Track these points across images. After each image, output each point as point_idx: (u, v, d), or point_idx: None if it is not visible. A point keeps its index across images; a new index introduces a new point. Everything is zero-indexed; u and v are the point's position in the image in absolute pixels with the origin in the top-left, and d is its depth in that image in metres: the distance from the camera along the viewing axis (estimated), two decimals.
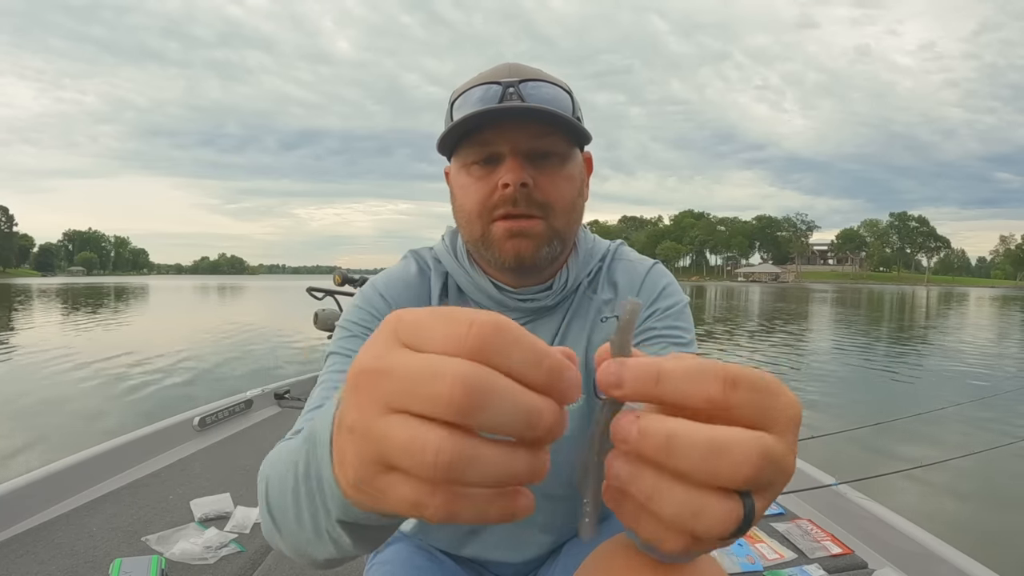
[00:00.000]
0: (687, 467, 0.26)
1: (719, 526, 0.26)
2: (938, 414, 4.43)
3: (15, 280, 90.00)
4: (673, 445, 0.26)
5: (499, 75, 0.78)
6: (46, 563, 1.50)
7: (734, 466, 0.25)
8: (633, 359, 0.28)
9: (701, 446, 0.25)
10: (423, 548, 0.93)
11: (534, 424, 0.25)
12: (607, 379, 0.28)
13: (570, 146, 0.80)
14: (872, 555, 1.67)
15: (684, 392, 0.27)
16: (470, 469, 0.25)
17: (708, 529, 0.26)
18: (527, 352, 0.26)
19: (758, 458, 0.26)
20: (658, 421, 0.26)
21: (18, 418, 5.45)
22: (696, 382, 0.26)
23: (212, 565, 1.53)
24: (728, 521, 0.26)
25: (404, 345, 0.26)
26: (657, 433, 0.26)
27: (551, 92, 0.78)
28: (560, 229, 0.78)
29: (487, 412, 0.24)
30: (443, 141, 0.79)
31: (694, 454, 0.25)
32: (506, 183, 0.74)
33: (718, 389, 0.26)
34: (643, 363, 0.27)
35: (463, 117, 0.74)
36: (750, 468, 0.25)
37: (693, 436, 0.26)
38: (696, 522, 0.26)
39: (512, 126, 0.75)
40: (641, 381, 0.27)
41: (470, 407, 0.24)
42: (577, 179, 0.82)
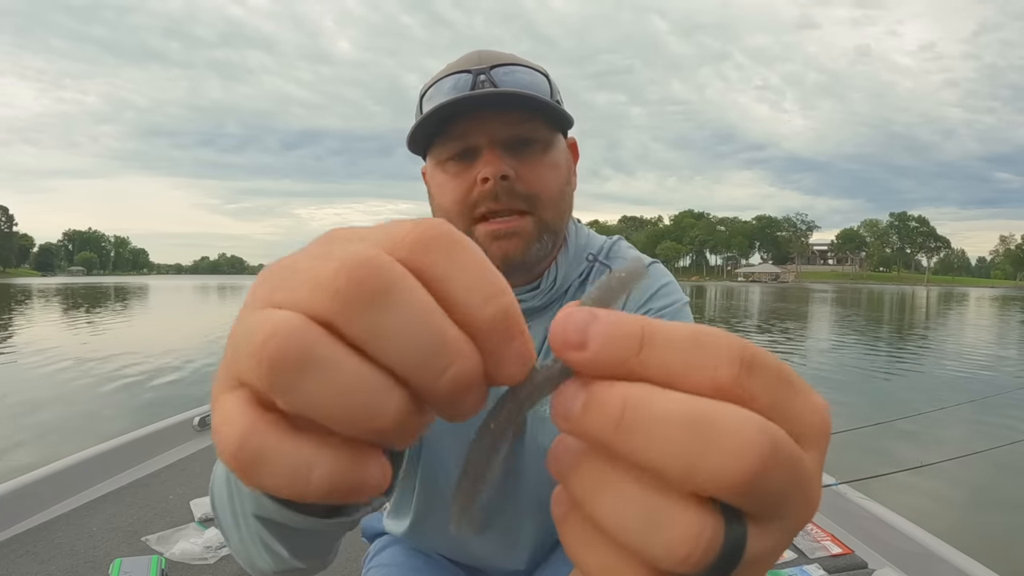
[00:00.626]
0: (650, 454, 0.17)
1: (683, 546, 0.17)
2: (938, 414, 4.43)
3: (15, 280, 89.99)
4: (632, 420, 0.17)
5: (469, 63, 0.73)
6: (46, 563, 1.50)
7: (724, 457, 0.17)
8: (610, 311, 0.19)
9: (676, 423, 0.17)
10: (419, 550, 0.92)
11: (437, 362, 0.17)
12: (567, 333, 0.18)
13: (552, 132, 0.74)
14: (872, 555, 1.67)
15: (678, 366, 0.18)
16: (311, 372, 0.17)
17: (667, 550, 0.17)
18: (476, 277, 0.18)
19: (763, 450, 0.17)
20: (614, 388, 0.18)
21: (18, 418, 5.45)
22: (698, 354, 0.18)
23: (212, 565, 1.53)
24: (697, 540, 0.17)
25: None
26: (610, 403, 0.18)
27: (526, 76, 0.73)
28: (550, 222, 0.73)
29: (378, 318, 0.17)
30: (413, 137, 0.74)
31: (665, 435, 0.17)
32: (485, 177, 0.69)
33: (729, 369, 0.18)
34: (623, 318, 0.19)
35: (431, 110, 0.69)
36: (748, 464, 0.17)
37: (665, 408, 0.17)
38: (651, 537, 0.17)
39: (487, 115, 0.70)
40: (617, 342, 0.18)
41: (353, 301, 0.17)
42: (563, 166, 0.76)
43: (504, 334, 0.18)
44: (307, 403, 0.17)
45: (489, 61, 0.72)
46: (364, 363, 0.17)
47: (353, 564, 1.59)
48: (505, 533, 0.85)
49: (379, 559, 0.92)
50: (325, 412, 0.17)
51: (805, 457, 0.19)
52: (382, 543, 0.95)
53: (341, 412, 0.17)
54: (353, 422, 0.17)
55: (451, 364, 0.17)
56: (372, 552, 0.96)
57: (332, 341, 0.17)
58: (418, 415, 0.18)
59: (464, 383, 0.18)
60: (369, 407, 0.17)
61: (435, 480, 0.81)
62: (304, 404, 0.17)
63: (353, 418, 0.17)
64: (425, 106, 0.73)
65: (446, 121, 0.71)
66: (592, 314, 0.19)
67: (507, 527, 0.84)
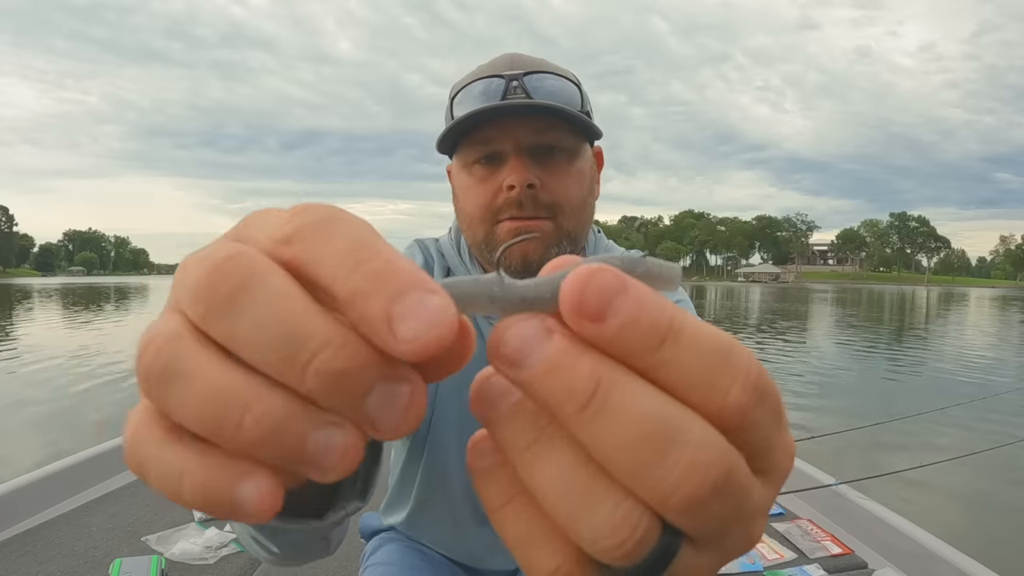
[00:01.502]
0: (606, 446, 0.16)
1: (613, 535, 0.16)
2: (938, 414, 4.43)
3: (15, 280, 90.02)
4: (600, 406, 0.16)
5: (501, 67, 0.73)
6: (46, 563, 1.50)
7: (675, 472, 0.15)
8: (643, 284, 0.17)
9: (642, 423, 0.15)
10: (416, 548, 0.92)
11: (296, 355, 0.15)
12: (585, 297, 0.16)
13: (578, 140, 0.75)
14: (872, 555, 1.67)
15: (693, 377, 0.16)
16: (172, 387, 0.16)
17: (596, 534, 0.16)
18: (344, 251, 0.16)
19: (717, 476, 0.16)
20: (590, 361, 0.16)
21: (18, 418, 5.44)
22: (719, 371, 0.16)
23: (212, 565, 1.53)
24: (630, 533, 0.16)
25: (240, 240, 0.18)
26: (582, 377, 0.16)
27: (557, 84, 0.72)
28: (570, 230, 0.73)
29: (236, 318, 0.16)
30: (443, 141, 0.75)
31: (626, 433, 0.16)
32: (511, 185, 0.69)
33: (741, 396, 0.16)
34: (658, 300, 0.16)
35: (462, 116, 0.70)
36: (696, 486, 0.16)
37: (639, 405, 0.16)
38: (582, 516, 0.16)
39: (515, 121, 0.70)
40: (642, 328, 0.16)
41: (212, 301, 0.16)
42: (587, 176, 0.76)
43: (380, 299, 0.15)
44: (177, 413, 0.16)
45: (522, 67, 0.72)
46: (229, 368, 0.16)
47: (351, 563, 1.59)
48: None
49: (376, 557, 0.92)
50: (193, 422, 0.16)
51: (756, 492, 0.18)
52: (379, 541, 0.96)
53: (204, 421, 0.16)
54: (218, 431, 0.16)
55: (314, 355, 0.15)
56: (369, 551, 0.96)
57: (199, 348, 0.16)
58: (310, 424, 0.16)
59: (334, 373, 0.15)
60: (228, 415, 0.16)
61: (438, 471, 0.82)
62: (175, 414, 0.16)
63: (217, 427, 0.16)
64: (456, 108, 0.74)
65: (474, 125, 0.71)
66: (622, 282, 0.16)
67: None
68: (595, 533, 0.16)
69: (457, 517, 0.85)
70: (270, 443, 0.16)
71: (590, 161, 0.78)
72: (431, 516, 0.88)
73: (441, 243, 0.87)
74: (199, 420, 0.16)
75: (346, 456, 0.16)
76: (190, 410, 0.16)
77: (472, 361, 0.18)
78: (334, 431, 0.16)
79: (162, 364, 0.16)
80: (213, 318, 0.16)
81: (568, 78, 0.75)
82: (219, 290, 0.16)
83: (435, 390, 0.79)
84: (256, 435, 0.16)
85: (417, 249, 0.87)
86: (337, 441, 0.16)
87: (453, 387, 0.78)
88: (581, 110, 0.74)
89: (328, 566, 1.58)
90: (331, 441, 0.16)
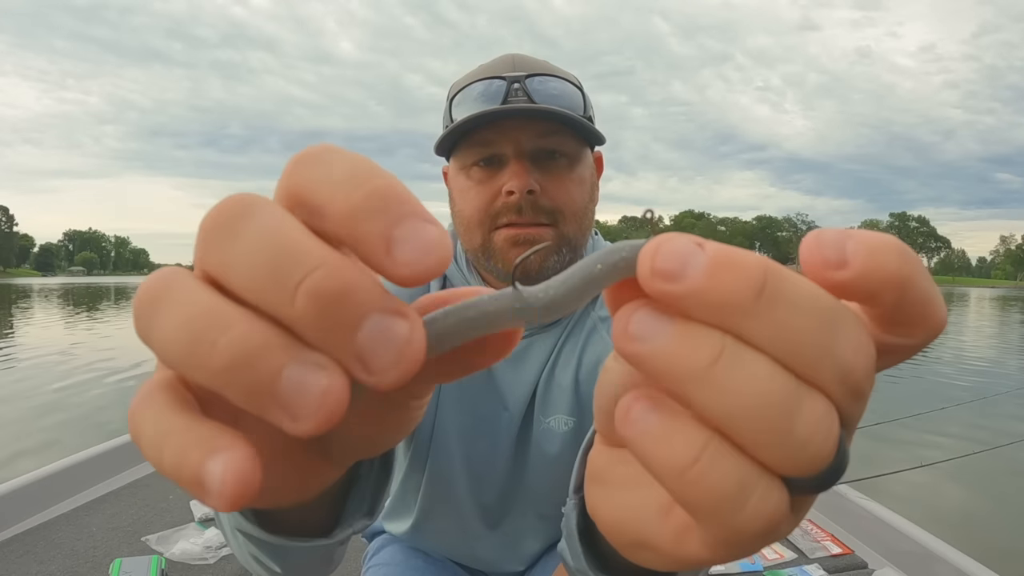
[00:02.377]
0: (790, 331, 0.15)
1: (816, 435, 0.15)
2: (938, 414, 4.43)
3: (15, 280, 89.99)
4: (775, 291, 0.15)
5: (502, 68, 0.71)
6: (46, 563, 1.50)
7: (849, 350, 0.16)
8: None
9: (814, 306, 0.16)
10: (419, 550, 0.92)
11: (286, 277, 0.15)
12: (822, 250, 0.16)
13: (580, 145, 0.73)
14: (872, 555, 1.67)
15: (918, 308, 0.17)
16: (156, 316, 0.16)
17: (804, 439, 0.15)
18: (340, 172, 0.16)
19: (872, 353, 0.17)
20: (749, 256, 0.16)
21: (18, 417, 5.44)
22: (930, 311, 0.17)
23: (212, 565, 1.52)
24: (830, 429, 0.16)
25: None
26: (750, 267, 0.15)
27: (560, 88, 0.71)
28: (571, 237, 0.72)
29: (228, 247, 0.16)
30: (442, 142, 0.74)
31: (804, 315, 0.15)
32: (510, 190, 0.68)
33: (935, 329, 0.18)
34: (881, 235, 0.17)
35: (465, 119, 0.68)
36: (867, 360, 0.16)
37: (807, 289, 0.16)
38: (785, 423, 0.15)
39: (516, 124, 0.69)
40: (879, 259, 0.16)
41: (210, 235, 0.16)
42: (588, 182, 0.75)
43: (379, 218, 0.15)
44: (157, 341, 0.16)
45: (524, 68, 0.71)
46: (213, 294, 0.16)
47: (352, 563, 1.59)
48: (507, 537, 0.85)
49: (378, 558, 0.92)
50: (168, 354, 0.16)
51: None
52: (381, 542, 0.95)
53: (179, 344, 0.15)
54: (192, 354, 0.15)
55: (304, 276, 0.15)
56: (371, 551, 0.96)
57: (187, 278, 0.16)
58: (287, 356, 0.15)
59: (326, 294, 0.15)
60: (204, 335, 0.15)
61: (442, 481, 0.81)
62: (154, 343, 0.16)
63: (190, 350, 0.15)
64: (455, 109, 0.72)
65: (473, 128, 0.70)
66: (693, 241, 0.16)
67: (510, 531, 0.84)
68: (806, 436, 0.15)
69: (466, 526, 0.84)
70: (241, 371, 0.15)
71: (591, 166, 0.77)
72: (436, 525, 0.87)
73: None
74: (173, 347, 0.15)
75: (325, 400, 0.15)
76: (168, 334, 0.15)
77: (468, 377, 0.18)
78: (314, 370, 0.15)
79: (151, 295, 0.16)
80: (210, 252, 0.16)
81: (571, 81, 0.73)
82: (217, 223, 0.16)
83: (436, 401, 0.78)
84: (228, 359, 0.15)
85: None
86: (314, 381, 0.15)
87: (455, 396, 0.78)
88: (583, 114, 0.73)
89: None
90: (307, 379, 0.15)
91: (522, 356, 0.78)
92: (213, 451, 0.15)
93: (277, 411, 0.15)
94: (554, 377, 0.77)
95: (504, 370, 0.78)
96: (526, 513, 0.83)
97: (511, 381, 0.77)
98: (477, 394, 0.78)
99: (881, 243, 0.16)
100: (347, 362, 0.15)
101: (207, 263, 0.16)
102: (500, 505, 0.83)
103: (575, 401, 0.76)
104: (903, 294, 0.16)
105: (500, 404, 0.78)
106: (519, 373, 0.77)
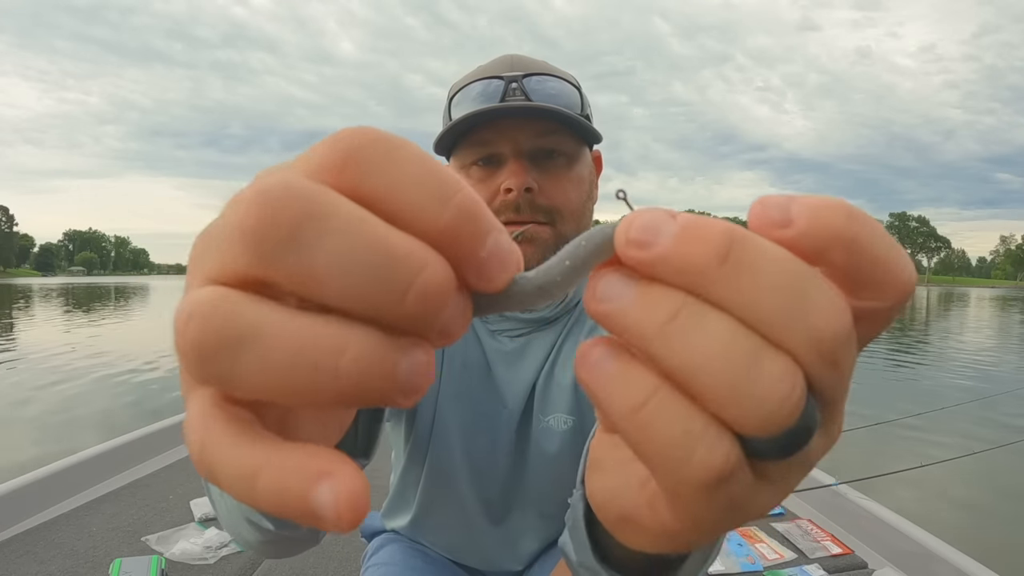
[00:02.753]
0: (754, 296, 0.16)
1: (776, 394, 0.15)
2: (938, 414, 4.43)
3: (15, 280, 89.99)
4: (740, 257, 0.16)
5: (501, 68, 0.72)
6: (46, 563, 1.49)
7: (820, 315, 0.16)
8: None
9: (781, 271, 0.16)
10: (418, 548, 0.92)
11: (395, 279, 0.14)
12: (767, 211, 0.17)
13: (578, 144, 0.74)
14: (872, 555, 1.67)
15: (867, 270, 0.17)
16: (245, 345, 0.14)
17: (762, 397, 0.15)
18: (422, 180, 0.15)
19: (848, 321, 0.17)
20: (713, 222, 0.16)
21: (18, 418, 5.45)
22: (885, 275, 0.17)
23: (212, 565, 1.52)
24: (792, 389, 0.16)
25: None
26: (715, 233, 0.16)
27: (557, 87, 0.72)
28: (568, 236, 0.72)
29: (308, 254, 0.14)
30: (441, 141, 0.74)
31: (771, 280, 0.16)
32: (508, 188, 0.69)
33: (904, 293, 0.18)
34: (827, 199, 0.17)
35: (462, 117, 0.69)
36: (839, 325, 0.16)
37: (774, 253, 0.16)
38: (743, 380, 0.15)
39: (514, 123, 0.70)
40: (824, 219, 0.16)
41: (272, 239, 0.14)
42: (586, 181, 0.76)
43: (472, 235, 0.15)
44: (252, 387, 0.14)
45: (522, 68, 0.72)
46: (300, 315, 0.14)
47: (352, 563, 1.59)
48: (508, 534, 0.85)
49: (377, 558, 0.92)
50: (276, 391, 0.14)
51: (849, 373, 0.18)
52: (380, 541, 0.95)
53: (291, 382, 0.14)
54: (313, 391, 0.14)
55: (414, 277, 0.14)
56: (370, 551, 0.96)
57: (259, 303, 0.14)
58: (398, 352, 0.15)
59: (436, 294, 0.15)
60: (323, 366, 0.14)
61: (442, 475, 0.82)
62: (250, 389, 0.14)
63: (310, 386, 0.14)
64: (454, 109, 0.73)
65: (472, 127, 0.70)
66: (668, 213, 0.17)
67: (511, 528, 0.85)
68: (762, 393, 0.15)
69: (468, 520, 0.85)
70: (367, 383, 0.15)
71: (589, 165, 0.78)
72: (437, 520, 0.87)
73: None
74: (284, 383, 0.14)
75: (430, 373, 0.16)
76: (271, 375, 0.14)
77: (472, 368, 0.18)
78: (417, 352, 0.15)
79: (217, 333, 0.14)
80: (276, 262, 0.14)
81: (568, 80, 0.74)
82: (278, 227, 0.14)
83: (436, 395, 0.79)
84: (356, 378, 0.14)
85: None
86: (421, 360, 0.16)
87: (455, 392, 0.78)
88: (581, 113, 0.73)
89: (328, 566, 1.58)
90: (417, 361, 0.15)
91: (520, 354, 0.78)
92: (318, 479, 0.14)
93: (397, 396, 0.15)
94: (553, 376, 0.77)
95: (503, 368, 0.78)
96: (528, 511, 0.83)
97: (510, 379, 0.78)
98: (476, 391, 0.78)
99: (825, 202, 0.17)
100: (432, 339, 0.16)
101: (277, 274, 0.14)
102: (503, 501, 0.83)
103: (575, 400, 0.76)
104: (853, 252, 0.16)
105: (499, 402, 0.78)
106: (517, 371, 0.78)
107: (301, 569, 1.56)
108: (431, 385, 0.63)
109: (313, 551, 1.63)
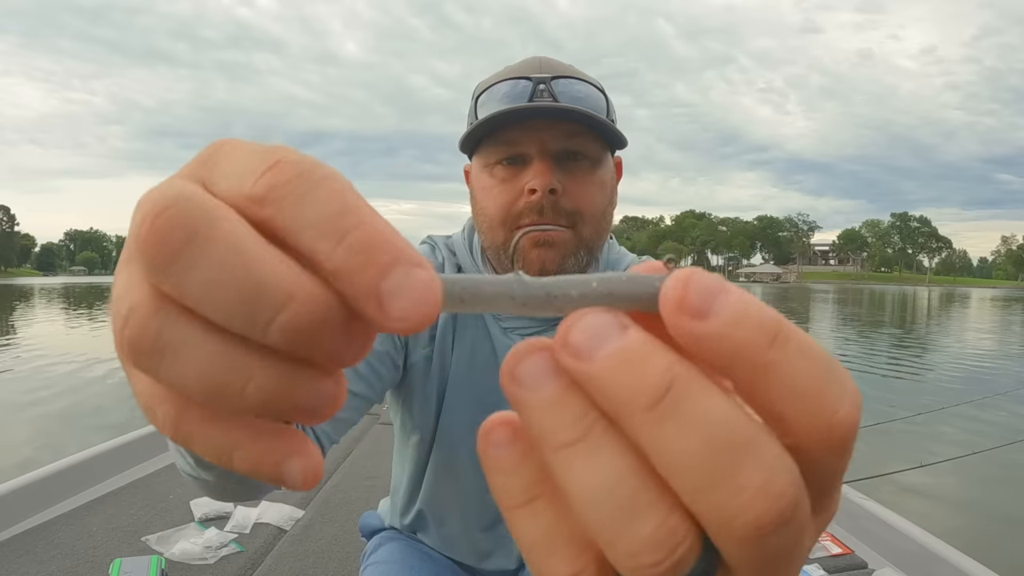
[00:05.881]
0: (673, 453, 0.14)
1: (652, 550, 0.14)
2: (939, 414, 4.42)
3: (16, 280, 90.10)
4: (671, 407, 0.14)
5: (528, 69, 0.72)
6: (46, 563, 1.49)
7: (744, 493, 0.14)
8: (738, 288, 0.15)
9: (715, 433, 0.14)
10: (417, 547, 0.93)
11: (261, 310, 0.14)
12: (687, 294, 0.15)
13: (602, 149, 0.74)
14: (872, 555, 1.67)
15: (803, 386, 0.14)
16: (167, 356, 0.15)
17: (633, 546, 0.14)
18: (326, 215, 0.15)
19: (786, 506, 0.14)
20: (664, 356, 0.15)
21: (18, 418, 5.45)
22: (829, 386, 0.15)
23: (212, 565, 1.52)
24: (672, 551, 0.14)
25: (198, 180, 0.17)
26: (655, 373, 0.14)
27: (585, 90, 0.72)
28: (588, 240, 0.73)
29: (186, 268, 0.14)
30: (467, 139, 0.74)
31: (697, 439, 0.14)
32: (533, 188, 0.69)
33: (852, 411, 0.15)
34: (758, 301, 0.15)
35: (491, 115, 0.68)
36: (765, 512, 0.14)
37: (715, 409, 0.14)
38: (619, 524, 0.14)
39: (541, 125, 0.69)
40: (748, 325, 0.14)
41: (160, 253, 0.14)
42: (608, 185, 0.76)
43: (369, 275, 0.14)
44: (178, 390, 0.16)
45: (550, 70, 0.71)
46: (218, 338, 0.15)
47: (351, 563, 1.59)
48: (505, 533, 0.85)
49: (376, 556, 0.92)
50: (197, 397, 0.15)
51: (809, 537, 0.16)
52: (379, 540, 0.96)
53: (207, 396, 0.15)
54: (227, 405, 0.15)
55: (280, 309, 0.14)
56: (370, 549, 0.96)
57: (176, 319, 0.15)
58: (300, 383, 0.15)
59: (304, 329, 0.14)
60: (230, 392, 0.15)
61: (447, 473, 0.82)
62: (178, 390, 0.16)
63: (223, 401, 0.15)
64: (480, 108, 0.73)
65: (499, 126, 0.70)
66: (721, 282, 0.15)
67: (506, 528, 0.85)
68: (633, 546, 0.14)
69: (468, 518, 0.85)
70: (273, 406, 0.15)
71: (611, 170, 0.78)
72: (439, 517, 0.88)
73: (453, 241, 0.86)
74: (200, 394, 0.15)
75: (336, 400, 0.16)
76: (188, 385, 0.15)
77: (480, 365, 0.18)
78: (322, 383, 0.16)
79: (140, 343, 0.15)
80: (165, 276, 0.14)
81: (595, 85, 0.74)
82: (165, 242, 0.14)
83: (443, 391, 0.78)
84: (262, 402, 0.15)
85: (428, 249, 0.86)
86: (324, 390, 0.16)
87: (462, 388, 0.78)
88: (606, 118, 0.73)
89: (328, 566, 1.58)
90: (319, 392, 0.16)
91: None
92: (288, 457, 0.16)
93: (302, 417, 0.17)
94: None
95: None
96: None
97: None
98: (484, 389, 0.78)
99: (757, 313, 0.15)
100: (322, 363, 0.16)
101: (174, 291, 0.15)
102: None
103: None
104: (761, 378, 0.14)
105: (507, 400, 0.78)
106: None
107: (301, 569, 1.56)
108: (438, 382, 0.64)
109: (313, 551, 1.63)
